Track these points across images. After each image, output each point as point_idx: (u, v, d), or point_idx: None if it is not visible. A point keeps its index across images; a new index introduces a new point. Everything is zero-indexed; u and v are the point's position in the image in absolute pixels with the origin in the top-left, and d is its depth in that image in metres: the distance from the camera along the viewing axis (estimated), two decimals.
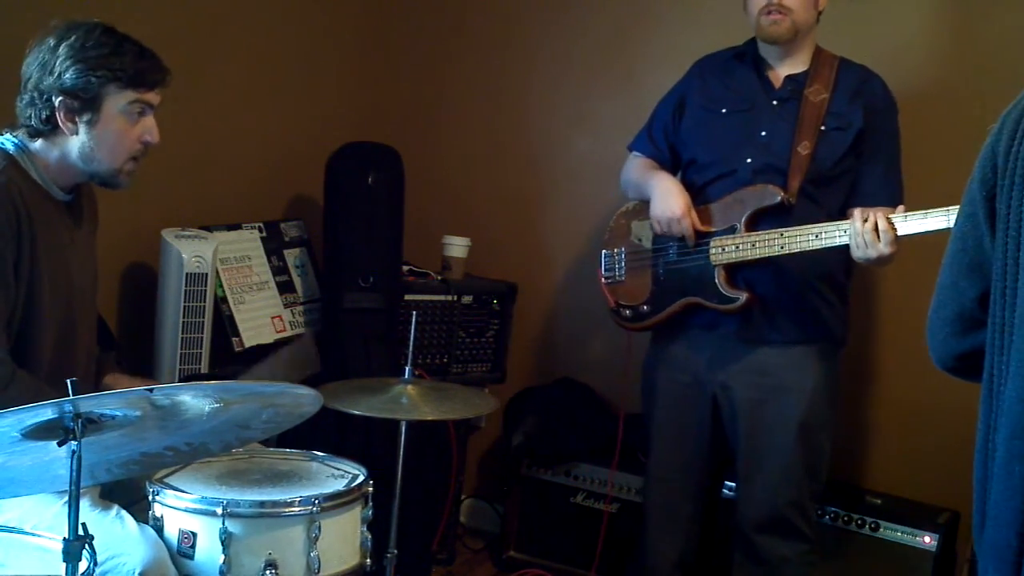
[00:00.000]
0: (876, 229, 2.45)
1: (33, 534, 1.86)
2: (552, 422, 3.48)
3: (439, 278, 3.54)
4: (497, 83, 3.90)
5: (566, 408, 3.54)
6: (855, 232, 2.48)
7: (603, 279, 3.00)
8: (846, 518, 3.03)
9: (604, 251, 3.02)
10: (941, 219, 2.38)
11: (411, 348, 2.59)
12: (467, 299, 3.52)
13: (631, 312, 2.94)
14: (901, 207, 2.49)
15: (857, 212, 2.50)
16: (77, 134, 2.12)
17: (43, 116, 2.09)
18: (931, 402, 3.19)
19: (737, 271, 2.74)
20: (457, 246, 3.62)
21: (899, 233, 2.44)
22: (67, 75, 2.06)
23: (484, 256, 3.70)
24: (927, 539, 2.94)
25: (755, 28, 2.76)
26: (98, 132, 2.12)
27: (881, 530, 2.99)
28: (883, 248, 2.45)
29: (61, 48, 2.07)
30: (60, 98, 2.08)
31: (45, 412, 1.55)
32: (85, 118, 2.11)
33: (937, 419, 3.19)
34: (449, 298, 3.48)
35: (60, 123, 2.10)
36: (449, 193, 3.94)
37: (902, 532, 2.97)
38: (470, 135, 3.96)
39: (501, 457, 3.75)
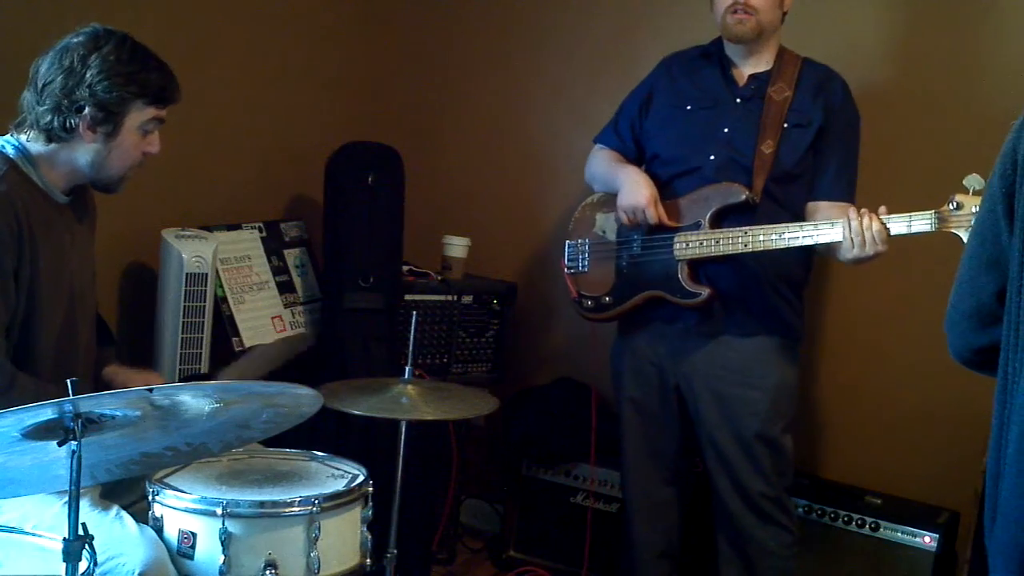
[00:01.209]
0: (870, 229, 2.48)
1: (33, 534, 1.86)
2: (552, 422, 3.47)
3: (439, 278, 3.54)
4: (497, 83, 3.90)
5: (566, 408, 3.53)
6: (852, 232, 2.50)
7: (566, 269, 3.03)
8: (846, 518, 3.03)
9: (568, 241, 3.05)
10: (925, 223, 2.45)
11: (411, 348, 2.59)
12: (467, 299, 3.52)
13: (592, 303, 2.98)
14: (883, 207, 2.52)
15: (852, 211, 2.53)
16: (94, 143, 2.13)
17: (68, 124, 2.10)
18: (932, 403, 3.19)
19: (700, 267, 2.78)
20: (457, 246, 3.62)
21: (891, 233, 2.49)
22: (99, 87, 2.07)
23: (484, 256, 3.70)
24: (927, 539, 2.94)
25: (720, 27, 2.80)
26: (113, 144, 2.14)
27: (881, 530, 2.99)
28: (879, 247, 2.49)
29: (92, 59, 2.08)
30: (89, 109, 2.09)
31: (45, 412, 1.55)
32: (105, 130, 2.12)
33: (937, 420, 3.18)
34: (449, 298, 3.48)
35: (80, 132, 2.11)
36: (449, 193, 3.93)
37: (902, 532, 2.97)
38: (470, 135, 3.95)
39: (501, 457, 3.74)
